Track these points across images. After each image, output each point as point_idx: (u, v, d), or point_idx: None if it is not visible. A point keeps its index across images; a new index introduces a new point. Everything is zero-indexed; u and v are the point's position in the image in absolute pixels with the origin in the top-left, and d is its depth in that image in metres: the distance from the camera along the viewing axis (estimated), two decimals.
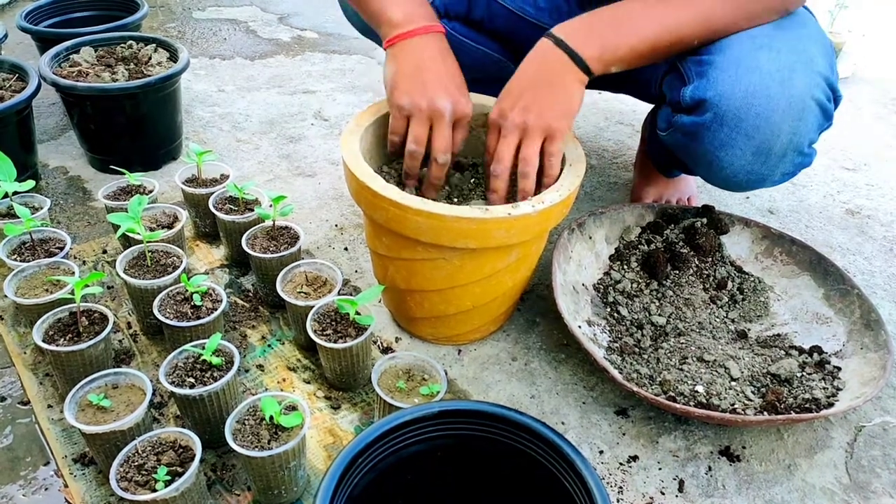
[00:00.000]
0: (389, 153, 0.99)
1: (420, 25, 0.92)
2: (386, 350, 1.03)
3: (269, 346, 1.03)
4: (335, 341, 0.90)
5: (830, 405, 0.89)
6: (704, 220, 1.15)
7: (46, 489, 0.83)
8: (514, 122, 0.89)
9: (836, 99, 0.94)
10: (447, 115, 0.90)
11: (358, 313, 0.92)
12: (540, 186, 0.92)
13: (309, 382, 0.97)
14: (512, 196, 0.95)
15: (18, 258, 1.00)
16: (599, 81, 1.34)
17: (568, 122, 0.90)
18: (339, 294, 0.97)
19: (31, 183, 1.06)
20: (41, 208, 1.08)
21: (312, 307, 0.93)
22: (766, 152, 0.90)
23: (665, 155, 1.22)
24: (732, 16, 0.88)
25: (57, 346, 0.85)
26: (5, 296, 0.94)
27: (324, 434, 0.90)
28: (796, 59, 0.87)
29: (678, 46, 0.91)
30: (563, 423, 0.94)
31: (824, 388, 0.92)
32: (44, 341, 0.86)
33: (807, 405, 0.90)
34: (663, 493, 0.86)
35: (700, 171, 1.00)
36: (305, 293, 0.99)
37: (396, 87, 0.91)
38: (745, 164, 0.92)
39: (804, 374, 0.95)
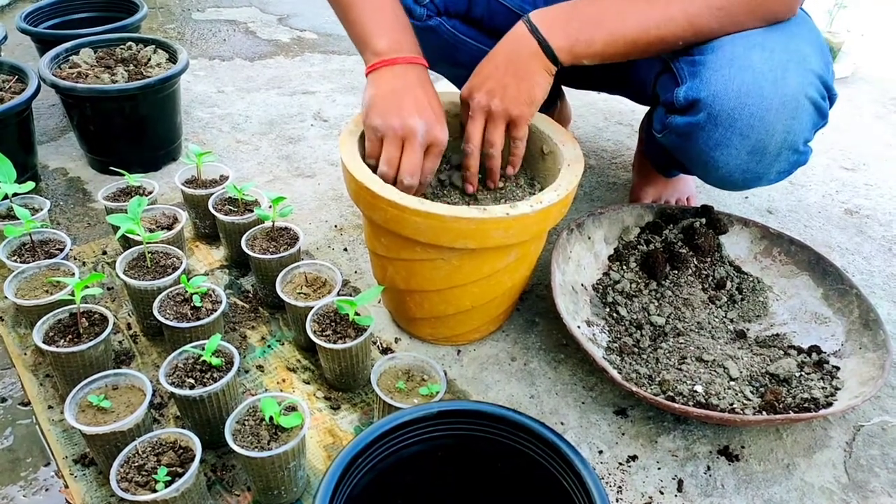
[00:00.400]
0: None
1: (403, 55, 0.92)
2: (385, 350, 1.03)
3: (268, 346, 1.03)
4: (335, 342, 0.90)
5: (829, 405, 0.89)
6: (703, 220, 1.15)
7: (47, 490, 0.83)
8: (479, 103, 0.92)
9: (832, 97, 0.94)
10: (419, 137, 0.89)
11: (357, 314, 0.92)
12: (507, 166, 1.00)
13: (308, 383, 0.97)
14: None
15: (18, 259, 1.01)
16: (595, 82, 1.34)
17: (530, 110, 0.93)
18: (338, 295, 0.97)
19: (30, 184, 1.06)
20: (41, 210, 1.09)
21: (312, 308, 0.93)
22: (761, 151, 0.90)
23: (663, 155, 1.22)
24: (718, 21, 0.88)
25: (57, 347, 0.85)
26: (5, 297, 0.94)
27: (323, 434, 0.90)
28: (789, 58, 0.87)
29: (659, 46, 0.91)
30: (562, 423, 0.94)
31: (823, 388, 0.92)
32: (44, 342, 0.86)
33: (805, 405, 0.90)
34: (662, 493, 0.86)
35: (696, 171, 1.00)
36: (305, 294, 0.99)
37: (371, 109, 0.91)
38: (741, 163, 0.92)
39: (803, 373, 0.95)
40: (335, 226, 1.31)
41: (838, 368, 0.96)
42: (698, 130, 0.91)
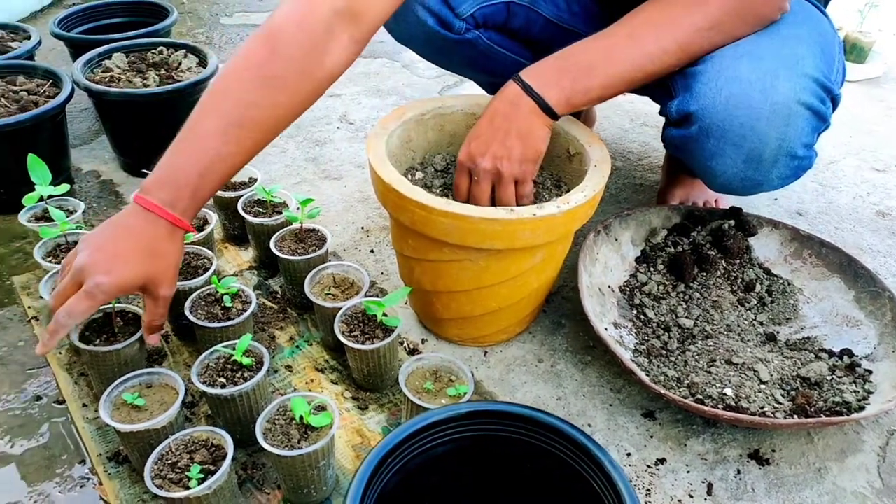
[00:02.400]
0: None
1: (164, 209, 0.81)
2: (412, 351, 1.04)
3: (297, 347, 1.04)
4: (363, 343, 0.90)
5: (861, 408, 0.88)
6: (732, 222, 1.14)
7: (82, 487, 0.84)
8: (485, 169, 0.92)
9: (834, 99, 0.93)
10: (91, 280, 0.78)
11: (385, 315, 0.92)
12: None
13: (336, 383, 0.98)
14: None
15: (54, 260, 1.03)
16: None
17: (535, 166, 0.94)
18: (365, 296, 0.98)
19: (66, 186, 1.08)
20: (76, 211, 1.11)
21: (340, 309, 0.94)
22: (757, 159, 0.90)
23: None
24: (709, 41, 0.88)
25: (94, 346, 0.87)
26: (41, 297, 0.96)
27: (351, 434, 0.91)
28: (780, 65, 0.87)
29: (656, 76, 0.91)
30: (589, 425, 0.94)
31: (855, 392, 0.91)
32: (80, 341, 0.87)
33: (837, 408, 0.89)
34: (692, 497, 0.85)
35: (701, 179, 1.01)
36: (333, 295, 1.00)
37: (85, 249, 0.81)
38: (738, 171, 0.92)
39: (834, 377, 0.94)
40: (362, 227, 1.32)
41: (871, 372, 0.95)
42: (692, 142, 0.92)
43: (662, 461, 0.89)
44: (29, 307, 1.08)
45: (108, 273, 0.78)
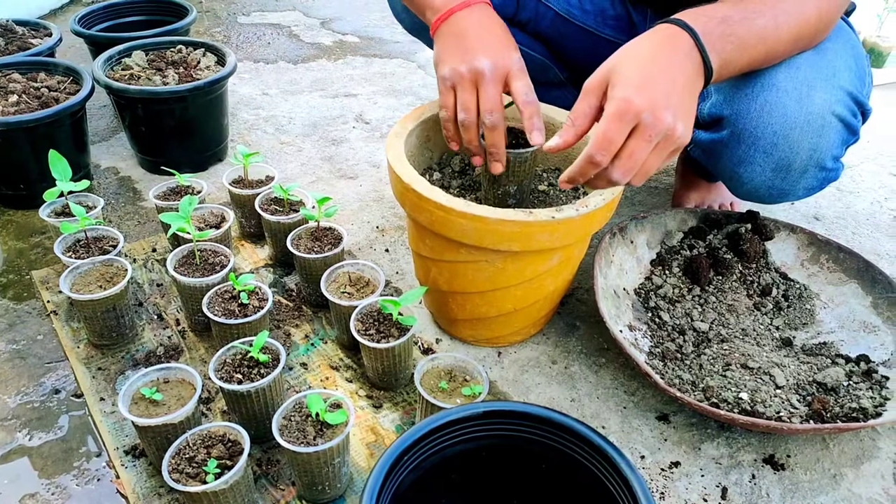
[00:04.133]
0: (446, 138, 0.92)
1: (458, 3, 0.89)
2: (427, 351, 1.04)
3: (312, 344, 1.04)
4: (378, 341, 0.91)
5: (878, 415, 0.88)
6: (749, 226, 1.14)
7: (99, 480, 0.85)
8: (662, 122, 0.70)
9: (865, 113, 0.92)
10: (488, 74, 0.84)
11: (401, 314, 0.93)
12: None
13: (351, 381, 0.98)
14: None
15: (73, 255, 1.04)
16: None
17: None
18: (380, 295, 0.98)
19: (86, 182, 1.09)
20: (95, 207, 1.12)
21: (356, 307, 0.94)
22: (786, 168, 0.90)
23: None
24: (795, 47, 0.86)
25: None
26: (60, 291, 0.97)
27: (366, 432, 0.91)
28: (816, 75, 0.86)
29: (761, 66, 0.87)
30: (603, 428, 0.94)
31: (872, 398, 0.91)
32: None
33: (853, 414, 0.88)
34: (706, 501, 0.85)
35: (725, 184, 1.00)
36: (349, 293, 1.00)
37: (439, 62, 0.88)
38: (766, 179, 0.91)
39: (851, 382, 0.93)
40: (377, 227, 1.32)
41: (888, 378, 0.94)
42: (722, 147, 0.91)
43: (676, 465, 0.89)
44: (48, 301, 1.09)
45: (494, 58, 0.83)
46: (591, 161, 0.72)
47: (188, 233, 0.99)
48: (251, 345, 0.85)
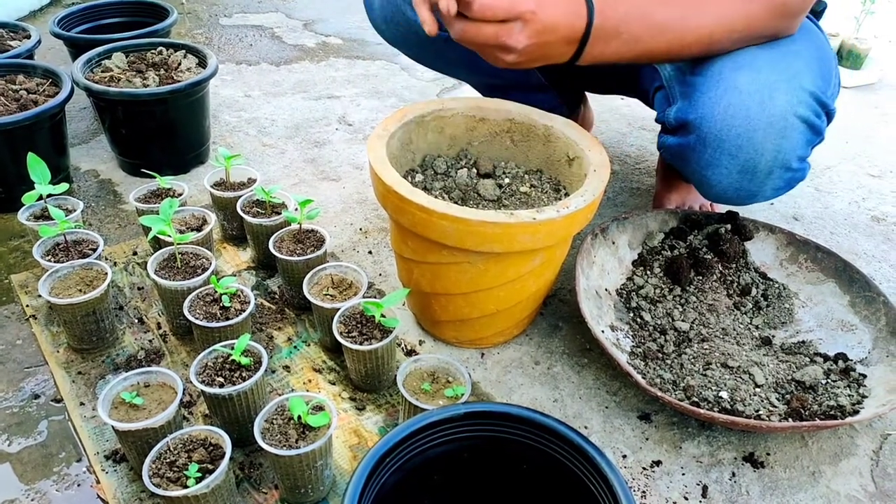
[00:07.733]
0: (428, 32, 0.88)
1: None
2: (410, 353, 1.04)
3: (294, 347, 1.04)
4: (361, 343, 0.91)
5: (856, 412, 0.89)
6: (728, 227, 1.15)
7: (79, 485, 0.84)
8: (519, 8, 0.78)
9: (829, 113, 0.94)
10: None
11: (383, 316, 0.93)
12: None
13: (334, 384, 0.98)
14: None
15: (52, 259, 1.03)
16: (604, 86, 1.34)
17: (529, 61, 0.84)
18: (363, 297, 0.98)
19: (65, 185, 1.08)
20: (74, 210, 1.11)
21: (338, 309, 0.94)
22: (752, 170, 0.91)
23: None
24: (730, 42, 0.89)
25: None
26: (39, 295, 0.96)
27: (349, 434, 0.91)
28: (778, 78, 0.87)
29: (669, 59, 0.90)
30: (585, 427, 0.94)
31: (849, 396, 0.92)
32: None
33: (832, 412, 0.89)
34: (686, 499, 0.86)
35: (696, 187, 1.02)
36: (331, 296, 1.00)
37: None
38: (733, 181, 0.93)
39: (829, 381, 0.95)
40: (360, 229, 1.32)
41: (865, 376, 0.95)
42: (689, 151, 0.92)
43: (658, 463, 0.90)
44: (27, 305, 1.08)
45: None
46: None
47: (169, 236, 0.99)
48: (233, 348, 0.85)
